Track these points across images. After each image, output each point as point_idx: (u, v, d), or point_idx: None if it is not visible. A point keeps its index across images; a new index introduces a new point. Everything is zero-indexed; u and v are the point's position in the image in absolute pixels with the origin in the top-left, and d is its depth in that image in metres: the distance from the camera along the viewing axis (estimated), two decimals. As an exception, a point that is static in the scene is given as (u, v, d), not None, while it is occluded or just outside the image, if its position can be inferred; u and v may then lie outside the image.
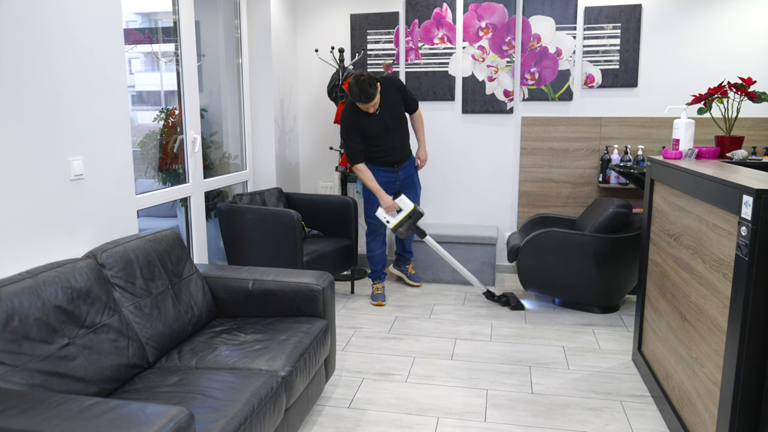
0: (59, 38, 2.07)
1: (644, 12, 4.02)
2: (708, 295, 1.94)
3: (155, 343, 2.10)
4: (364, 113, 3.56)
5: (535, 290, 3.70)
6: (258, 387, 1.84)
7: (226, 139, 3.99)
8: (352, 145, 3.59)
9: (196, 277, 2.47)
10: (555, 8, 4.10)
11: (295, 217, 3.30)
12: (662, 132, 4.09)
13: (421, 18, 4.33)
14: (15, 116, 1.89)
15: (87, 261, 1.98)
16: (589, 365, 2.91)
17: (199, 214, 3.44)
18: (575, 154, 4.23)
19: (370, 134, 3.57)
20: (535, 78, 4.22)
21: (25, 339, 1.62)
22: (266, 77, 4.13)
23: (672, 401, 2.31)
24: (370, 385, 2.71)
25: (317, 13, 4.54)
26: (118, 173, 2.44)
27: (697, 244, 2.06)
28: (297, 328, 2.32)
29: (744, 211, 1.63)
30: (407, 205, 3.53)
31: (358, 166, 3.61)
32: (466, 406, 2.52)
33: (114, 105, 2.39)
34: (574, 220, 3.98)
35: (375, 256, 3.88)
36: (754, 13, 3.86)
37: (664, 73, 4.05)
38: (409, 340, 3.24)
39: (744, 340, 1.64)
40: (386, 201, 3.55)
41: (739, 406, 1.68)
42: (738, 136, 2.62)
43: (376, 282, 3.90)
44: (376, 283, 3.89)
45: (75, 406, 1.37)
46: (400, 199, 3.54)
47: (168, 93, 3.27)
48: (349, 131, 3.57)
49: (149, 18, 3.15)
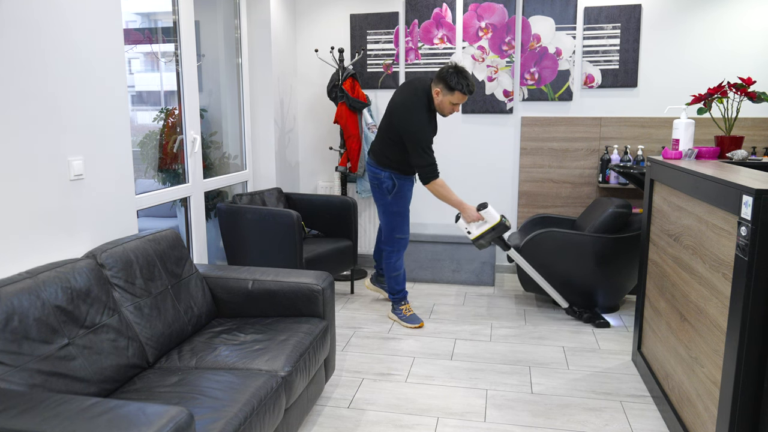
0: (59, 38, 2.07)
1: (644, 12, 4.02)
2: (708, 295, 1.94)
3: (155, 344, 2.10)
4: (431, 116, 3.13)
5: (535, 291, 3.70)
6: (258, 387, 1.84)
7: (226, 139, 3.99)
8: (431, 154, 3.07)
9: (196, 278, 2.47)
10: (555, 8, 4.10)
11: (294, 217, 3.30)
12: (662, 132, 4.09)
13: (420, 18, 4.33)
14: (15, 116, 1.88)
15: (87, 261, 1.98)
16: (589, 365, 2.91)
17: (199, 215, 3.44)
18: (575, 154, 4.23)
19: None
20: (535, 78, 4.22)
21: (24, 339, 1.62)
22: (266, 77, 4.13)
23: (672, 401, 2.31)
24: (370, 385, 2.71)
25: (317, 13, 4.54)
26: (118, 173, 2.44)
27: (697, 244, 2.06)
28: (297, 328, 2.32)
29: (744, 211, 1.63)
30: (493, 217, 3.18)
31: (438, 182, 3.10)
32: (465, 406, 2.52)
33: (114, 105, 2.39)
34: (574, 220, 3.98)
35: (401, 274, 3.46)
36: (754, 14, 3.87)
37: (663, 73, 4.05)
38: (408, 340, 3.24)
39: (744, 340, 1.64)
40: (472, 213, 3.17)
41: (739, 406, 1.68)
42: (738, 136, 2.62)
43: (404, 303, 3.48)
44: (405, 303, 3.49)
45: (75, 407, 1.37)
46: (486, 211, 3.18)
47: (168, 93, 3.27)
48: (429, 136, 3.06)
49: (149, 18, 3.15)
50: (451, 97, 3.07)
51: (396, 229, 3.36)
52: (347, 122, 4.12)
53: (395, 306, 3.50)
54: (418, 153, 3.06)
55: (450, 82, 3.03)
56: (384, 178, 3.27)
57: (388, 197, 3.30)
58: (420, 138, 3.05)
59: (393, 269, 3.44)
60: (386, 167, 3.27)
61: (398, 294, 3.48)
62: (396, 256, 3.42)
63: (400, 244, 3.39)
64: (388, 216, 3.34)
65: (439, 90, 3.09)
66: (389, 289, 3.50)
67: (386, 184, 3.27)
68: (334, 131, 4.68)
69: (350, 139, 4.15)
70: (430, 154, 3.08)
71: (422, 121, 3.06)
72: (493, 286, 4.18)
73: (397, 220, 3.34)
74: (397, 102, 3.13)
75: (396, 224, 3.35)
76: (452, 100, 3.08)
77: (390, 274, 3.45)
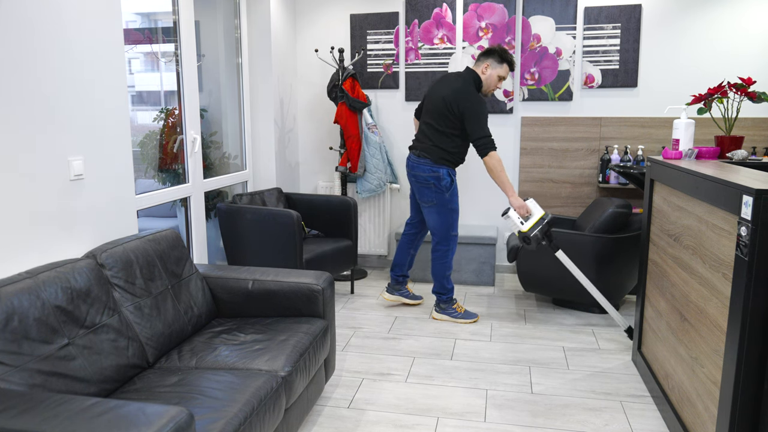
0: (59, 39, 2.07)
1: (644, 12, 4.02)
2: (708, 295, 1.94)
3: (155, 344, 2.10)
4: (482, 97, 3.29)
5: (535, 291, 3.70)
6: (258, 387, 1.84)
7: (226, 139, 3.99)
8: (487, 125, 3.21)
9: (196, 278, 2.47)
10: (555, 8, 4.10)
11: (294, 217, 3.30)
12: (662, 132, 4.09)
13: (420, 18, 4.33)
14: (14, 116, 1.88)
15: (87, 261, 1.98)
16: (589, 365, 2.91)
17: (199, 215, 3.44)
18: (575, 154, 4.23)
19: None
20: (535, 78, 4.22)
21: (24, 339, 1.62)
22: (266, 77, 4.13)
23: (672, 401, 2.31)
24: (370, 386, 2.71)
25: (317, 13, 4.54)
26: (118, 173, 2.44)
27: (697, 244, 2.06)
28: (297, 328, 2.32)
29: (744, 211, 1.63)
30: (537, 209, 3.14)
31: (495, 155, 3.18)
32: (466, 406, 2.52)
33: (114, 105, 2.39)
34: (574, 220, 3.98)
35: (450, 273, 3.53)
36: (754, 14, 3.86)
37: (663, 73, 4.05)
38: (408, 340, 3.24)
39: (744, 340, 1.64)
40: (517, 200, 3.17)
41: (739, 406, 1.68)
42: (738, 137, 2.62)
43: (455, 302, 3.55)
44: (456, 302, 3.55)
45: (75, 407, 1.37)
46: (530, 201, 3.17)
47: (168, 93, 3.27)
48: (484, 108, 3.20)
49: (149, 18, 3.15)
50: (500, 70, 3.30)
51: (452, 226, 3.42)
52: (347, 122, 4.12)
53: (445, 306, 3.53)
54: (480, 126, 3.19)
55: (502, 55, 3.30)
56: (443, 175, 3.33)
57: (446, 195, 3.36)
58: (482, 112, 3.21)
59: (447, 268, 3.50)
60: (443, 164, 3.34)
61: (449, 293, 3.53)
62: (451, 255, 3.48)
63: (455, 242, 3.46)
64: (445, 214, 3.39)
65: (488, 64, 3.31)
66: (439, 289, 3.52)
67: (445, 182, 3.33)
68: (334, 131, 4.68)
69: (350, 139, 4.15)
70: (488, 130, 3.21)
71: (482, 100, 3.24)
72: (494, 286, 4.18)
73: (453, 217, 3.41)
74: (453, 89, 3.25)
75: (452, 221, 3.42)
76: (500, 73, 3.31)
77: (444, 273, 3.50)
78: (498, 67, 3.30)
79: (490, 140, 3.19)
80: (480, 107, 3.20)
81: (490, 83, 3.33)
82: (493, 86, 3.34)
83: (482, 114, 3.20)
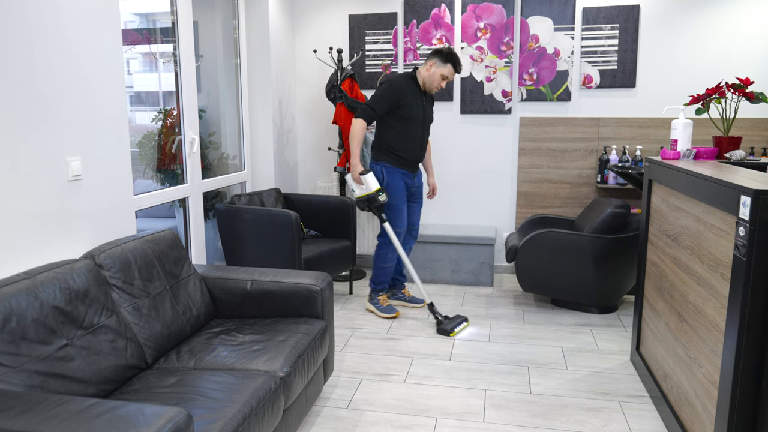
0: (57, 39, 2.07)
1: (642, 13, 4.03)
2: (706, 295, 1.94)
3: (153, 344, 2.10)
4: (415, 91, 3.40)
5: (534, 291, 3.70)
6: (256, 388, 1.84)
7: (225, 139, 3.99)
8: (377, 105, 3.34)
9: (195, 278, 2.47)
10: (553, 9, 4.11)
11: (293, 217, 3.30)
12: (660, 132, 4.10)
13: (419, 18, 4.33)
14: (13, 117, 1.88)
15: (85, 262, 1.97)
16: (588, 366, 2.91)
17: (198, 215, 3.43)
18: (573, 154, 4.24)
19: (408, 113, 3.37)
20: (534, 78, 4.22)
21: (23, 340, 1.62)
22: (264, 78, 4.13)
23: (670, 401, 2.31)
24: (369, 386, 2.71)
25: (315, 14, 4.54)
26: (117, 174, 2.44)
27: (695, 244, 2.06)
28: (295, 328, 2.32)
29: (742, 211, 1.64)
30: (370, 186, 3.38)
31: (360, 122, 3.34)
32: (464, 407, 2.52)
33: (112, 105, 2.39)
34: (573, 220, 3.98)
35: (390, 267, 3.65)
36: (752, 15, 3.87)
37: (662, 74, 4.06)
38: (407, 340, 3.24)
39: (742, 340, 1.64)
40: (355, 172, 3.37)
41: (737, 406, 1.68)
42: (736, 137, 2.63)
43: (382, 294, 3.69)
44: (383, 294, 3.69)
45: (73, 407, 1.37)
46: (365, 177, 3.38)
47: (166, 93, 3.26)
48: (390, 92, 3.34)
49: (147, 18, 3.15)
50: (443, 70, 3.37)
51: (394, 222, 3.55)
52: (346, 123, 4.12)
53: (373, 296, 3.69)
54: (374, 99, 3.36)
55: (447, 56, 3.36)
56: (377, 171, 3.50)
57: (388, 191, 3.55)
58: (383, 95, 3.36)
59: (383, 260, 3.62)
60: (379, 159, 3.50)
61: (380, 285, 3.67)
62: (388, 248, 3.60)
63: (398, 238, 3.57)
64: (388, 209, 3.56)
65: (433, 63, 3.39)
66: (374, 278, 3.66)
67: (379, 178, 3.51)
68: (332, 132, 4.68)
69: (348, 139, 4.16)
70: (375, 108, 3.35)
71: (392, 87, 3.35)
72: (492, 287, 4.19)
73: (394, 214, 3.53)
74: None
75: (394, 218, 3.54)
76: (444, 72, 3.37)
77: (378, 264, 3.63)
78: (442, 66, 3.37)
79: (370, 111, 3.35)
80: (384, 91, 3.36)
81: (432, 81, 3.40)
82: (436, 84, 3.41)
83: (381, 95, 3.36)
